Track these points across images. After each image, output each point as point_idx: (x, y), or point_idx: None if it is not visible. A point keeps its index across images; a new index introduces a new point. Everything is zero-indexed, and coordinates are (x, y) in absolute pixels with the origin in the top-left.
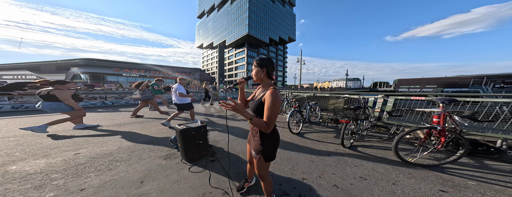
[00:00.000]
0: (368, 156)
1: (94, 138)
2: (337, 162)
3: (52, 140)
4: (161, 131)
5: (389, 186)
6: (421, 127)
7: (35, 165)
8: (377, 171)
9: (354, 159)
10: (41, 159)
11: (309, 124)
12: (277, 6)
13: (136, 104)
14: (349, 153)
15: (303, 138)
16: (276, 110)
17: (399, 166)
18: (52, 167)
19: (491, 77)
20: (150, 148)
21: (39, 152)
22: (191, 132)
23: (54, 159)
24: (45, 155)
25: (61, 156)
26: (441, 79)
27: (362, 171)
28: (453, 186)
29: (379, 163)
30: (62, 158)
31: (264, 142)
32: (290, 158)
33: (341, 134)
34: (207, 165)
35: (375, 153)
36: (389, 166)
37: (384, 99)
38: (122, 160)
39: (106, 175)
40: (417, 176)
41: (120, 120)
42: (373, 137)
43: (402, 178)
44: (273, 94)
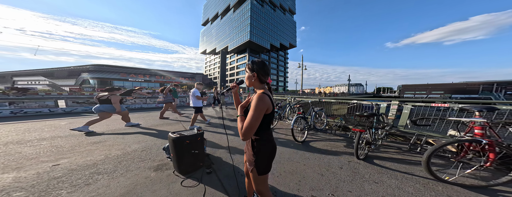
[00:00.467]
0: (389, 171)
1: (85, 146)
2: (352, 176)
3: (34, 149)
4: (158, 138)
5: None
6: (461, 140)
7: (0, 180)
8: (404, 190)
9: (373, 174)
10: (11, 172)
11: (314, 131)
12: (278, 14)
13: (134, 108)
14: (365, 166)
15: (309, 147)
16: (256, 114)
17: (432, 185)
18: (19, 182)
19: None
20: (141, 157)
21: (12, 164)
22: (186, 141)
23: (26, 172)
24: (19, 167)
25: (35, 168)
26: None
27: (385, 190)
28: None
29: (404, 180)
30: (35, 171)
31: (256, 152)
32: (296, 170)
33: (355, 144)
34: (203, 178)
35: (396, 167)
36: (418, 184)
37: (399, 105)
38: (106, 172)
39: (81, 191)
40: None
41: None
42: (390, 147)
43: None
44: (258, 98)
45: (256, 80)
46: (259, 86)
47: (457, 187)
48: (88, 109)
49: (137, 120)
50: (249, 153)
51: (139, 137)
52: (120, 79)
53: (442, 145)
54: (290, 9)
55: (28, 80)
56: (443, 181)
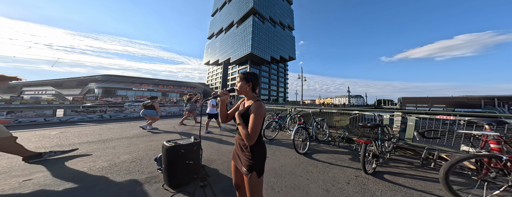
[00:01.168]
0: (403, 188)
1: (68, 158)
2: (361, 193)
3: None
4: (151, 148)
5: None
6: (478, 155)
7: None
8: None
9: (385, 191)
10: None
11: (316, 142)
12: (278, 30)
13: (133, 117)
14: (375, 182)
15: (311, 160)
16: (259, 120)
17: None
18: None
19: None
20: (129, 168)
21: None
22: (181, 150)
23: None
24: None
25: (3, 184)
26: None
27: None
28: None
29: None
30: (4, 186)
31: (255, 156)
32: (299, 185)
33: (361, 157)
34: (195, 192)
35: (410, 184)
36: None
37: (402, 117)
38: (85, 187)
39: None
40: None
41: (130, 131)
42: (400, 161)
43: None
44: (258, 106)
45: (249, 90)
46: (251, 95)
47: None
48: (85, 118)
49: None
50: (245, 159)
51: (131, 147)
52: (124, 88)
53: (459, 160)
54: (289, 25)
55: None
56: None
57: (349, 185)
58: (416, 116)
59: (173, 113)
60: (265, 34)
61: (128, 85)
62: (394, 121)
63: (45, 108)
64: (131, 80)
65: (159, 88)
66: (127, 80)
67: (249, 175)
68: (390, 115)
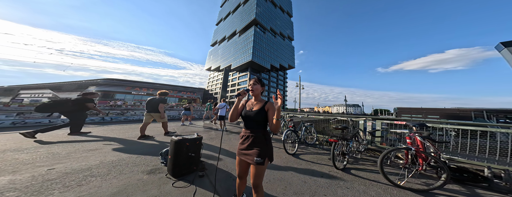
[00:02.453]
0: (361, 179)
1: (81, 153)
2: (329, 183)
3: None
4: (154, 147)
5: None
6: (398, 148)
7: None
8: (368, 194)
9: (346, 181)
10: (7, 175)
11: (305, 145)
12: (278, 39)
13: (133, 120)
14: (342, 175)
15: (298, 159)
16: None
17: (390, 190)
18: (13, 184)
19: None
20: (136, 162)
21: (9, 168)
22: (186, 143)
23: (21, 175)
24: (14, 171)
25: (31, 172)
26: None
27: (353, 193)
28: None
29: (371, 186)
30: (31, 174)
31: (269, 145)
32: (284, 178)
33: (332, 153)
34: (195, 180)
35: (367, 176)
36: (380, 189)
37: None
38: (99, 175)
39: (73, 191)
40: None
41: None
42: (368, 160)
43: None
44: (272, 104)
45: (261, 92)
46: (260, 96)
47: (407, 190)
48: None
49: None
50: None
51: (135, 145)
52: (123, 92)
53: (387, 152)
54: (289, 36)
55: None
56: (397, 186)
57: (322, 178)
58: (381, 122)
59: (173, 116)
60: (265, 44)
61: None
62: (367, 125)
63: None
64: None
65: None
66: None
67: (262, 161)
68: (363, 120)
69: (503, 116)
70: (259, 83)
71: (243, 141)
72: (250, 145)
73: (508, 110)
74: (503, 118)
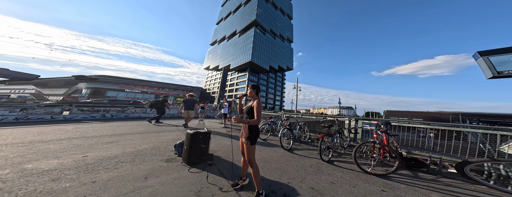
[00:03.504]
0: (341, 168)
1: (102, 144)
2: (315, 171)
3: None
4: (162, 141)
5: (350, 188)
6: (367, 142)
7: (48, 164)
8: (344, 178)
9: (329, 170)
10: (53, 159)
11: (299, 142)
12: (278, 41)
13: (133, 117)
14: (327, 165)
15: (292, 153)
16: (260, 110)
17: (361, 175)
18: (64, 166)
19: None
20: (152, 153)
21: (50, 155)
22: (199, 136)
23: (64, 160)
24: (56, 156)
25: (70, 158)
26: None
27: (333, 178)
28: (390, 188)
29: (347, 173)
30: (72, 159)
31: (251, 132)
32: (280, 168)
33: (319, 147)
34: (205, 168)
35: (346, 166)
36: (354, 175)
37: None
38: (127, 161)
39: (114, 172)
40: (370, 182)
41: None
42: (349, 155)
43: (360, 183)
44: (258, 102)
45: (255, 94)
46: (255, 97)
47: (372, 175)
48: (88, 117)
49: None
50: (246, 133)
51: (145, 139)
52: (116, 89)
53: (359, 145)
54: (288, 38)
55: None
56: (366, 172)
57: (311, 168)
58: (362, 122)
59: (172, 114)
60: (265, 45)
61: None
62: (351, 124)
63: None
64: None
65: (153, 90)
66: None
67: (247, 142)
68: (347, 120)
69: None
70: (252, 88)
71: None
72: (244, 130)
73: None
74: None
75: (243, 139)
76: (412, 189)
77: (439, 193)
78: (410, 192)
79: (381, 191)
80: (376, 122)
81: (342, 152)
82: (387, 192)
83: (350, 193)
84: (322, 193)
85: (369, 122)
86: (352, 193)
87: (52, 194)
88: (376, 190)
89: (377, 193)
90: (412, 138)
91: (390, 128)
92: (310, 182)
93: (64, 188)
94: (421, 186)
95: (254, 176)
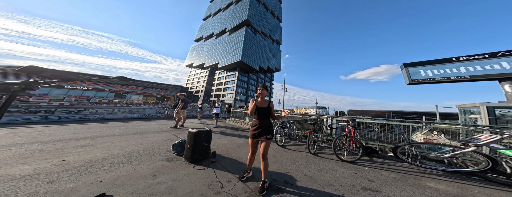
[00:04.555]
0: (324, 159)
1: (75, 148)
2: (306, 162)
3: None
4: (149, 142)
5: (333, 173)
6: (341, 135)
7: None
8: (327, 166)
9: (316, 160)
10: (23, 165)
11: (289, 139)
12: (267, 42)
13: (94, 119)
14: (313, 157)
15: (285, 149)
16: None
17: (339, 163)
18: (45, 170)
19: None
20: (147, 154)
21: (11, 161)
22: (202, 134)
23: (39, 165)
24: (23, 163)
25: (46, 163)
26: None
27: (320, 167)
28: (359, 170)
29: (329, 162)
30: (49, 164)
31: (272, 127)
32: (277, 161)
33: (307, 141)
34: (209, 165)
35: (328, 157)
36: (333, 163)
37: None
38: (122, 162)
39: (115, 172)
40: (345, 167)
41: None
42: (329, 147)
43: (339, 168)
44: (272, 103)
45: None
46: (265, 97)
47: (346, 162)
48: (19, 119)
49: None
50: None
51: (128, 141)
52: (44, 85)
53: (337, 138)
54: (277, 40)
55: None
56: (341, 160)
57: (302, 159)
58: (336, 119)
59: (149, 115)
60: (256, 45)
61: (59, 82)
62: (329, 122)
63: None
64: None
65: (113, 87)
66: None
67: (270, 137)
68: (326, 118)
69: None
70: (265, 89)
71: (256, 127)
72: (263, 128)
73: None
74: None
75: (266, 135)
76: (371, 170)
77: (386, 170)
78: (370, 172)
79: (353, 173)
80: (346, 119)
81: (322, 145)
82: (357, 174)
83: (334, 176)
84: (314, 178)
85: (341, 119)
86: (335, 176)
87: (62, 194)
88: (350, 173)
89: (351, 175)
90: (366, 132)
91: (355, 123)
92: (303, 171)
93: (71, 187)
94: (376, 167)
95: (265, 168)
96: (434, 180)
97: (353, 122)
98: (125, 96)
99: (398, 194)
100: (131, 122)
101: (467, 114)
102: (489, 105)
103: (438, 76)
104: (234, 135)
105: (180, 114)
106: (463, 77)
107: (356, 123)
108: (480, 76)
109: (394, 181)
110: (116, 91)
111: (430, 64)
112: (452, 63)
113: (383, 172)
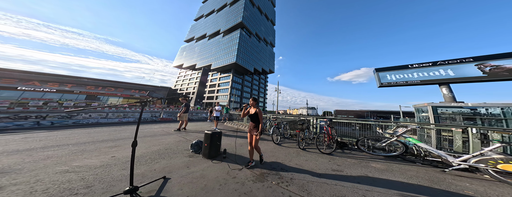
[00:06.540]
0: (310, 152)
1: (108, 148)
2: (296, 155)
3: (56, 151)
4: (168, 142)
5: (315, 161)
6: (321, 132)
7: (89, 162)
8: (312, 157)
9: (304, 153)
10: (86, 160)
11: (283, 138)
12: (262, 45)
13: (88, 123)
14: (302, 151)
15: (280, 146)
16: (262, 115)
17: (320, 155)
18: (106, 163)
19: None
20: (171, 152)
21: (78, 156)
22: (216, 134)
23: (100, 159)
24: (86, 158)
25: (103, 158)
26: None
27: (307, 158)
28: (333, 159)
29: (313, 154)
30: (106, 159)
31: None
32: (274, 155)
33: (297, 139)
34: (223, 160)
35: (313, 151)
36: (316, 155)
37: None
38: (157, 158)
39: (158, 164)
40: (324, 157)
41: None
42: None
43: (320, 158)
44: (260, 110)
45: (255, 104)
46: (255, 106)
47: (325, 154)
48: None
49: (125, 131)
50: (256, 129)
51: (147, 143)
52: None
53: (317, 136)
54: (271, 42)
55: None
56: (322, 153)
57: (293, 153)
58: (320, 120)
59: (144, 119)
60: (250, 47)
61: (9, 82)
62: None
63: None
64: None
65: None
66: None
67: (258, 134)
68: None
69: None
70: (254, 100)
71: (252, 127)
72: (253, 127)
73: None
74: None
75: (254, 133)
76: (341, 158)
77: (350, 158)
78: (340, 160)
79: (328, 161)
80: (326, 119)
81: (309, 142)
82: (331, 161)
83: (316, 164)
84: (301, 165)
85: (322, 119)
86: (317, 164)
87: (138, 176)
88: (326, 161)
89: (327, 162)
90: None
91: (332, 123)
92: (294, 161)
93: (141, 172)
94: (344, 156)
95: (258, 150)
96: (376, 162)
97: (330, 122)
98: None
99: (353, 172)
100: (129, 126)
101: (420, 112)
102: (433, 105)
103: (399, 80)
104: (235, 136)
105: (183, 117)
106: (416, 82)
107: (332, 122)
108: (427, 81)
109: (353, 164)
110: (88, 93)
111: (394, 70)
112: (408, 70)
113: (348, 159)
